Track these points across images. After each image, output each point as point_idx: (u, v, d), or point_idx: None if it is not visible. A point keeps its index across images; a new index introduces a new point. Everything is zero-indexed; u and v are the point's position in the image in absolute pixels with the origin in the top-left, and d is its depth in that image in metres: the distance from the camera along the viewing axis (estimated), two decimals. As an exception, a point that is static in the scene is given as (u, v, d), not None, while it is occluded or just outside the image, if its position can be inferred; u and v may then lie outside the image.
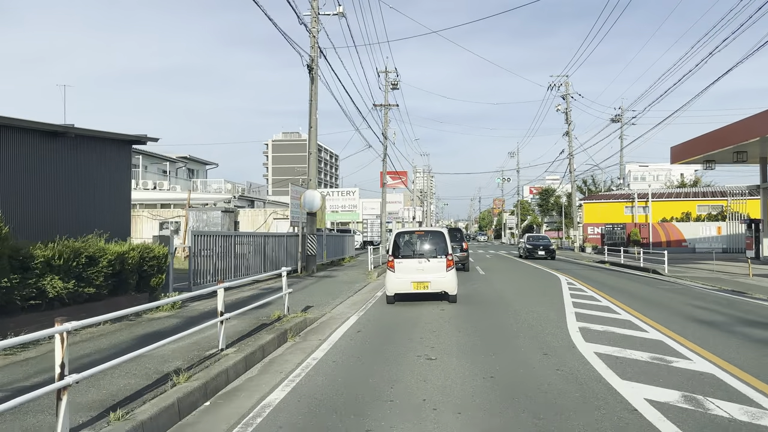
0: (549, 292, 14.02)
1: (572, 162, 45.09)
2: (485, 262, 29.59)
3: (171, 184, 39.96)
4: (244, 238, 15.68)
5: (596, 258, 33.87)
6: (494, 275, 19.92)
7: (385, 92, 39.97)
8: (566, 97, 45.09)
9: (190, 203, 30.45)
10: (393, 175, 77.64)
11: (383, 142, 39.82)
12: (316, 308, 11.09)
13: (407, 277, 11.33)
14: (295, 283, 15.93)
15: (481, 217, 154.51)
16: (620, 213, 43.67)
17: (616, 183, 71.17)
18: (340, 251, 27.05)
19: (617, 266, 25.88)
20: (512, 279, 18.68)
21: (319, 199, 18.99)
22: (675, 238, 41.17)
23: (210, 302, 10.76)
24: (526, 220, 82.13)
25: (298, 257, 19.13)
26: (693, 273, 20.35)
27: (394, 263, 11.47)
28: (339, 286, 15.56)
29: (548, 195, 70.28)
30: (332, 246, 25.36)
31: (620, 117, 53.41)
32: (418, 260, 11.45)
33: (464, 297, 12.87)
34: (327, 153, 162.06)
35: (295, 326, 8.70)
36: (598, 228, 43.64)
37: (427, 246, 11.77)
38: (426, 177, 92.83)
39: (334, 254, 25.76)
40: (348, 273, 19.92)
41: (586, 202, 44.78)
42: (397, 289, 11.46)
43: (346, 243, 28.81)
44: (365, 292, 14.63)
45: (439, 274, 11.31)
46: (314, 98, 19.22)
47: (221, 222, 27.23)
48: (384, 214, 40.10)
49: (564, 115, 45.16)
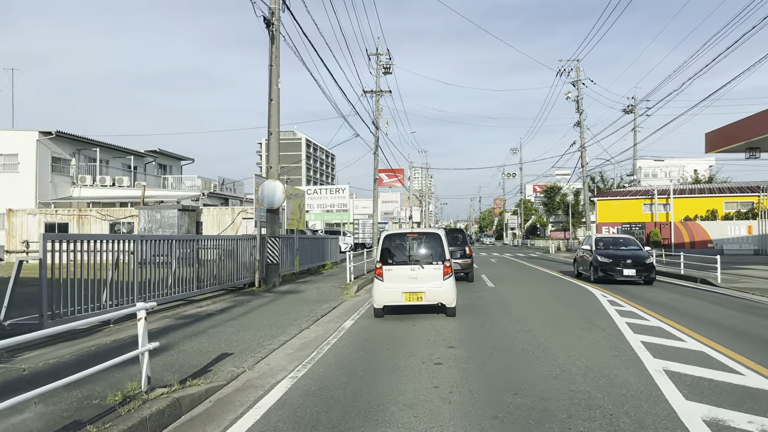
0: (591, 317, 9.82)
1: (584, 155, 40.87)
2: (491, 267, 25.37)
3: (138, 180, 35.71)
4: (174, 243, 11.44)
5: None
6: (505, 286, 15.70)
7: (376, 77, 35.76)
8: (577, 84, 40.87)
9: (144, 200, 26.27)
10: (389, 173, 73.46)
11: (374, 132, 35.61)
12: (236, 357, 6.87)
13: (398, 287, 9.80)
14: (240, 304, 11.71)
15: (481, 217, 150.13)
16: (638, 211, 39.45)
17: (626, 180, 67.06)
18: (320, 257, 22.83)
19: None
20: (531, 294, 14.44)
21: (282, 192, 14.80)
22: (700, 238, 37.00)
23: (71, 347, 6.58)
24: (529, 220, 77.92)
25: (256, 267, 14.91)
26: (751, 283, 16.17)
27: (383, 271, 9.95)
28: (299, 308, 11.35)
29: (554, 193, 66.02)
30: (308, 251, 21.15)
31: (633, 108, 49.27)
32: (410, 267, 9.94)
33: (474, 324, 8.72)
34: (323, 152, 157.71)
35: (153, 418, 4.47)
36: (613, 228, 39.41)
37: (420, 250, 10.19)
38: (424, 175, 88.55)
39: (311, 260, 21.56)
40: (321, 286, 15.68)
41: (600, 200, 40.57)
42: (385, 300, 9.91)
43: (328, 247, 24.59)
44: (332, 319, 10.41)
45: (434, 283, 9.82)
46: (275, 62, 15.01)
47: (178, 222, 22.98)
48: (376, 213, 35.87)
49: (575, 104, 40.94)
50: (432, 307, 10.43)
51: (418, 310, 10.56)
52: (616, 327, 9.00)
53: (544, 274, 21.27)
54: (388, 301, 9.86)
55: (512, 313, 10.74)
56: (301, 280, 17.72)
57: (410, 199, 56.91)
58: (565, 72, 41.01)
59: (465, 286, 15.70)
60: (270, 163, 15.18)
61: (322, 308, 11.38)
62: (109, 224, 25.45)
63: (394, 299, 9.77)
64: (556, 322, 9.66)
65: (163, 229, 22.84)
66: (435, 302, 9.83)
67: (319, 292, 14.29)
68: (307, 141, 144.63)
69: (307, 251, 20.92)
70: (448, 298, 9.83)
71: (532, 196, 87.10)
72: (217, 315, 10.36)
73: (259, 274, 14.88)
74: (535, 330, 8.79)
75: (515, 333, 8.55)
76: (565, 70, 40.95)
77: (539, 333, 8.53)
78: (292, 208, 23.31)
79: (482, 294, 14.11)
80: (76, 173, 31.74)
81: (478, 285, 16.44)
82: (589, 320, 9.77)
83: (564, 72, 41.00)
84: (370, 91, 35.15)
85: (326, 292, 14.14)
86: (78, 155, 32.13)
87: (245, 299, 12.70)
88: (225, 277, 13.60)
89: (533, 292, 14.60)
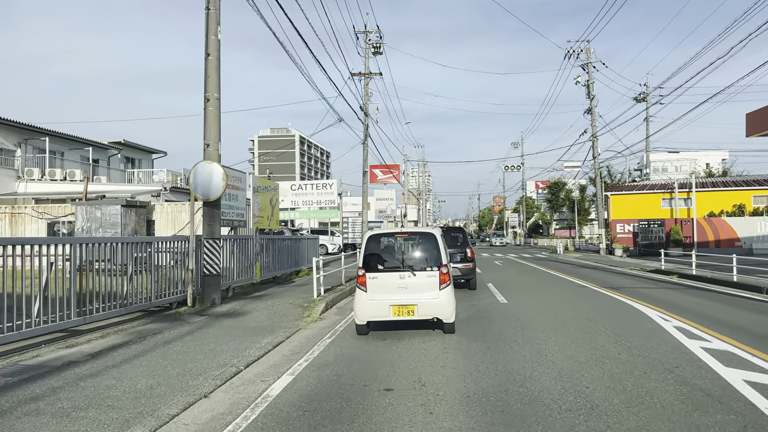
0: (672, 364, 6.05)
1: (596, 145, 37.12)
2: (497, 272, 21.59)
3: (99, 175, 31.83)
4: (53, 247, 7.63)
5: (637, 264, 25.89)
6: (520, 300, 11.93)
7: (365, 57, 31.93)
8: (587, 67, 37.12)
9: (87, 195, 22.44)
10: (383, 169, 69.60)
11: (363, 120, 31.79)
12: None
13: (384, 299, 8.07)
14: (139, 340, 7.91)
15: (480, 215, 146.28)
16: (656, 206, 35.65)
17: (634, 174, 63.33)
18: (292, 262, 19.04)
19: (686, 277, 17.92)
20: (560, 315, 10.62)
21: (221, 177, 11.00)
22: (726, 236, 33.29)
23: None
24: (532, 218, 74.13)
25: (189, 279, 11.08)
26: None
27: (366, 279, 8.20)
28: (222, 347, 7.54)
29: (558, 189, 62.22)
30: (276, 255, 17.37)
31: (645, 96, 45.50)
32: (399, 275, 8.22)
33: (488, 384, 4.92)
34: (317, 150, 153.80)
35: None
36: (629, 225, 35.63)
37: (412, 254, 8.54)
38: (421, 170, 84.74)
39: (281, 266, 17.78)
40: (278, 304, 11.86)
41: (614, 194, 36.73)
42: (369, 315, 8.16)
43: (305, 249, 20.80)
44: (263, 371, 6.58)
45: (429, 294, 8.09)
46: (213, 4, 11.18)
47: (122, 220, 19.17)
48: (366, 209, 32.09)
49: (585, 89, 37.22)
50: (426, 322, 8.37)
51: (408, 326, 8.73)
52: (732, 389, 5.21)
53: (565, 282, 17.47)
54: (372, 315, 8.19)
55: (544, 353, 6.93)
56: (257, 294, 13.88)
57: (405, 195, 52.98)
58: (574, 54, 37.28)
59: (467, 300, 11.94)
60: (208, 139, 11.32)
61: (257, 346, 7.58)
62: (47, 224, 21.61)
63: (380, 313, 8.11)
64: (621, 377, 5.84)
65: (104, 229, 19.02)
66: (430, 317, 8.19)
67: (269, 313, 10.46)
68: (301, 138, 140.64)
69: (274, 255, 17.14)
70: (446, 312, 8.17)
71: (534, 192, 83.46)
72: (81, 364, 6.55)
73: (192, 289, 11.06)
74: (606, 409, 4.97)
75: (565, 402, 4.74)
76: (574, 52, 37.23)
77: (615, 418, 4.71)
78: (261, 203, 19.54)
79: (492, 314, 10.30)
80: (22, 166, 27.84)
81: (484, 297, 12.64)
82: (673, 372, 5.97)
83: (573, 54, 37.27)
84: (357, 73, 31.32)
85: (280, 314, 10.32)
86: (25, 145, 28.23)
87: (157, 329, 8.88)
88: (138, 295, 9.78)
89: (562, 311, 10.78)
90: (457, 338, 8.12)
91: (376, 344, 7.83)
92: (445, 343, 7.78)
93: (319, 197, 38.13)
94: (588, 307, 11.33)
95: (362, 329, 8.35)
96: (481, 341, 7.88)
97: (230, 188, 15.76)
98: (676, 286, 15.72)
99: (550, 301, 12.32)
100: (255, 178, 18.99)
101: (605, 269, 23.55)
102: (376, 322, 8.33)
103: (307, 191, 38.26)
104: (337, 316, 10.66)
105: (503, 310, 10.97)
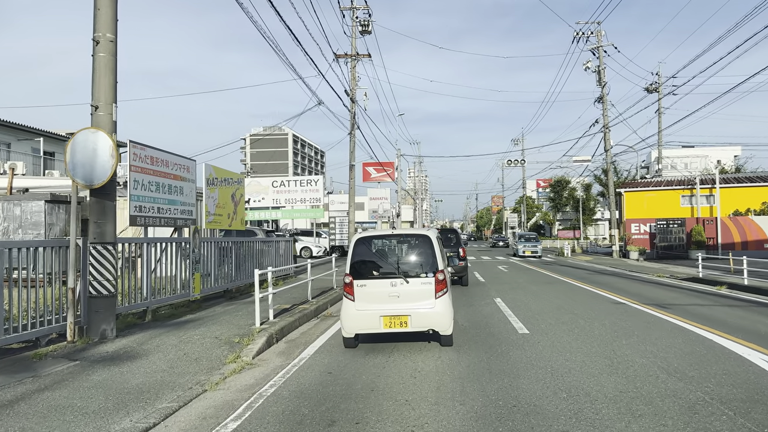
0: None
1: (608, 137, 33.73)
2: (504, 282, 18.19)
3: (49, 169, 28.29)
4: None
5: (660, 268, 22.51)
6: (551, 335, 8.52)
7: (352, 36, 28.44)
8: (598, 51, 33.74)
9: (11, 190, 18.83)
10: (377, 167, 66.10)
11: (350, 107, 28.32)
12: None
13: (374, 309, 7.24)
14: None
15: (478, 215, 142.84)
16: (674, 205, 32.27)
17: (641, 172, 59.96)
18: (250, 272, 15.55)
19: (737, 288, 14.55)
20: (611, 359, 7.17)
21: (109, 153, 7.53)
22: (754, 237, 29.93)
23: None
24: (533, 218, 70.75)
25: (69, 303, 7.61)
26: None
27: (354, 287, 7.33)
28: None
29: (561, 187, 58.83)
30: (234, 263, 13.92)
31: (658, 87, 42.15)
32: (391, 282, 7.31)
33: None
34: (312, 149, 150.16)
35: None
36: (644, 225, 32.24)
37: (405, 259, 7.68)
38: (417, 169, 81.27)
39: (239, 277, 14.36)
40: (197, 339, 8.36)
41: (628, 191, 33.32)
42: (357, 327, 7.35)
43: (273, 255, 17.35)
44: None
45: (424, 303, 7.25)
46: None
47: (47, 219, 15.66)
48: (353, 208, 28.67)
49: (596, 75, 33.84)
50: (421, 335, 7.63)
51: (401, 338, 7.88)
52: None
53: (593, 297, 14.04)
54: (360, 328, 7.34)
55: None
56: (187, 317, 10.31)
57: (399, 194, 49.41)
58: (583, 37, 33.90)
59: (472, 331, 8.49)
60: (96, 99, 7.80)
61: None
62: (-35, 224, 18.10)
63: (369, 325, 7.27)
64: None
65: (24, 230, 15.53)
66: (424, 329, 7.31)
67: (176, 356, 6.98)
68: (294, 137, 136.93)
69: (230, 263, 13.70)
70: (442, 324, 7.27)
71: (534, 192, 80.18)
72: None
73: (75, 317, 7.57)
74: None
75: None
76: (583, 34, 33.84)
77: None
78: (219, 198, 16.14)
79: (513, 362, 6.85)
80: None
81: (495, 323, 9.20)
82: None
83: (582, 36, 33.88)
84: (343, 54, 27.82)
85: (191, 357, 6.85)
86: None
87: None
88: None
89: (622, 355, 7.32)
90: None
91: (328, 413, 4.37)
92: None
93: (304, 195, 34.62)
94: (652, 345, 7.83)
95: (350, 342, 7.58)
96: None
97: (173, 178, 12.69)
98: (737, 302, 12.30)
99: (589, 330, 8.86)
100: (210, 168, 15.56)
101: (628, 276, 20.16)
102: (365, 335, 7.57)
103: (291, 188, 34.74)
104: (280, 358, 7.19)
105: (526, 352, 7.50)
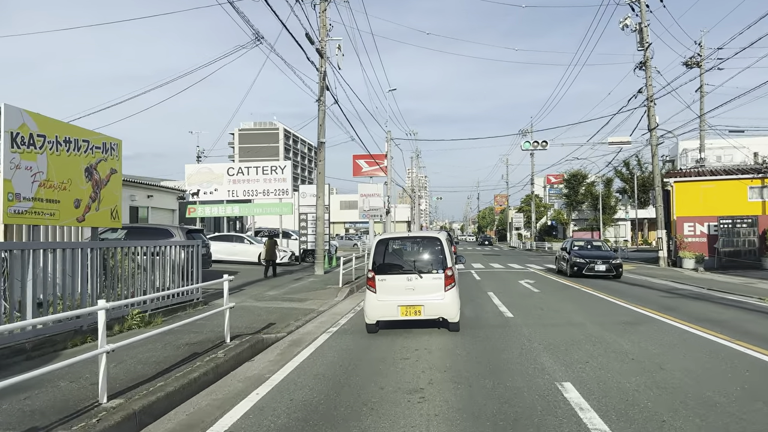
0: None
1: (653, 112, 26.68)
2: (533, 314, 11.25)
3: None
4: None
5: (743, 284, 15.57)
6: None
7: (320, -29, 21.43)
8: (639, 4, 26.72)
9: None
10: (368, 160, 58.81)
11: (319, 66, 21.33)
12: None
13: (392, 300, 8.76)
14: None
15: (480, 215, 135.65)
16: (740, 199, 25.27)
17: (667, 167, 52.90)
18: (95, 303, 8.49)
19: None
20: None
21: None
22: None
23: None
24: (543, 218, 63.63)
25: None
26: None
27: (375, 281, 8.86)
28: None
29: (578, 182, 51.74)
30: (39, 291, 6.85)
31: (700, 61, 35.02)
32: (407, 276, 8.82)
33: None
34: (304, 145, 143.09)
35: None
36: (701, 225, 25.20)
37: (419, 257, 9.09)
38: (415, 164, 74.23)
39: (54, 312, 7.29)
40: None
41: (679, 181, 26.23)
42: (378, 315, 8.88)
43: (146, 272, 10.31)
44: None
45: (435, 295, 8.74)
46: None
47: None
48: (322, 199, 21.64)
49: (637, 35, 26.81)
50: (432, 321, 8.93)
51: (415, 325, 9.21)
52: None
53: (730, 355, 7.04)
54: (381, 315, 8.86)
55: None
56: None
57: (387, 185, 42.20)
58: (620, -14, 26.83)
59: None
60: None
61: None
62: None
63: (389, 313, 8.79)
64: None
65: None
66: (435, 317, 8.79)
67: None
68: (285, 132, 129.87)
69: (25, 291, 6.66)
70: (451, 312, 8.80)
71: (543, 189, 73.21)
72: None
73: None
74: None
75: None
76: (620, -17, 26.77)
77: None
78: (46, 171, 9.16)
79: None
80: None
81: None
82: None
83: (619, -14, 26.82)
84: (309, -7, 20.84)
85: None
86: None
87: None
88: None
89: None
90: None
91: None
92: None
93: (267, 185, 27.58)
94: None
95: (372, 328, 8.94)
96: None
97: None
98: None
99: None
100: (20, 113, 8.51)
101: (709, 298, 13.28)
102: (384, 322, 8.92)
103: (250, 177, 27.70)
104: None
105: None
